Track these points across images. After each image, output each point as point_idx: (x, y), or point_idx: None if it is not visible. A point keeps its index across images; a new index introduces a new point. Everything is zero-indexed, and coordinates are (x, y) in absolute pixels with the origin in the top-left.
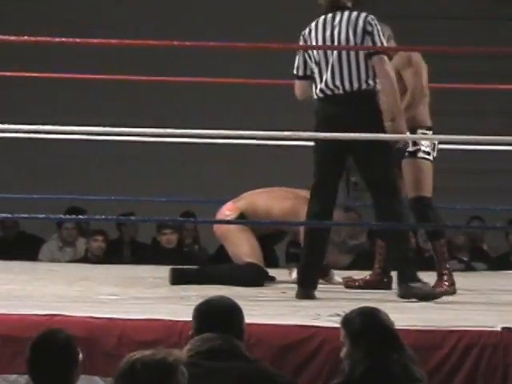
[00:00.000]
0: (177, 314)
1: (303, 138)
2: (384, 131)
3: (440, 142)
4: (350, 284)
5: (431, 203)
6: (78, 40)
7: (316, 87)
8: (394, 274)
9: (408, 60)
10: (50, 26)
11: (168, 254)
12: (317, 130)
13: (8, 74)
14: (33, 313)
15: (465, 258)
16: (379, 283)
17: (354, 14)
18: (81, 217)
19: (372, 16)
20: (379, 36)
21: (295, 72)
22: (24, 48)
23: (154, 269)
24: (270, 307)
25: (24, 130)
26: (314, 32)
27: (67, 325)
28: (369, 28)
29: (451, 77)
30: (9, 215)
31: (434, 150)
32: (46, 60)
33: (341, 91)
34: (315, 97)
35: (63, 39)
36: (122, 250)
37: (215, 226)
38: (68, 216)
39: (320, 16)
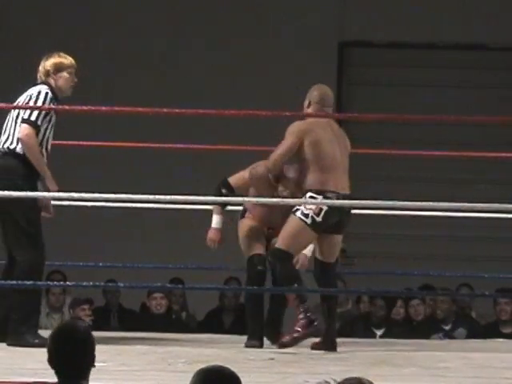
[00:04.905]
0: (164, 381)
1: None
2: (21, 190)
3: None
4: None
5: (287, 258)
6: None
7: None
8: None
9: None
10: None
11: (156, 320)
12: None
13: None
14: (19, 380)
15: (446, 328)
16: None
17: (38, 86)
18: (68, 283)
19: (47, 91)
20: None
21: None
22: None
23: (142, 335)
24: (258, 373)
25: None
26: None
27: None
28: (33, 99)
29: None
30: None
31: (318, 215)
32: None
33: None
34: None
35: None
36: (109, 316)
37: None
38: (56, 282)
39: None
